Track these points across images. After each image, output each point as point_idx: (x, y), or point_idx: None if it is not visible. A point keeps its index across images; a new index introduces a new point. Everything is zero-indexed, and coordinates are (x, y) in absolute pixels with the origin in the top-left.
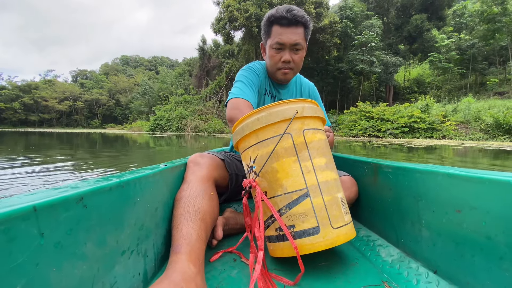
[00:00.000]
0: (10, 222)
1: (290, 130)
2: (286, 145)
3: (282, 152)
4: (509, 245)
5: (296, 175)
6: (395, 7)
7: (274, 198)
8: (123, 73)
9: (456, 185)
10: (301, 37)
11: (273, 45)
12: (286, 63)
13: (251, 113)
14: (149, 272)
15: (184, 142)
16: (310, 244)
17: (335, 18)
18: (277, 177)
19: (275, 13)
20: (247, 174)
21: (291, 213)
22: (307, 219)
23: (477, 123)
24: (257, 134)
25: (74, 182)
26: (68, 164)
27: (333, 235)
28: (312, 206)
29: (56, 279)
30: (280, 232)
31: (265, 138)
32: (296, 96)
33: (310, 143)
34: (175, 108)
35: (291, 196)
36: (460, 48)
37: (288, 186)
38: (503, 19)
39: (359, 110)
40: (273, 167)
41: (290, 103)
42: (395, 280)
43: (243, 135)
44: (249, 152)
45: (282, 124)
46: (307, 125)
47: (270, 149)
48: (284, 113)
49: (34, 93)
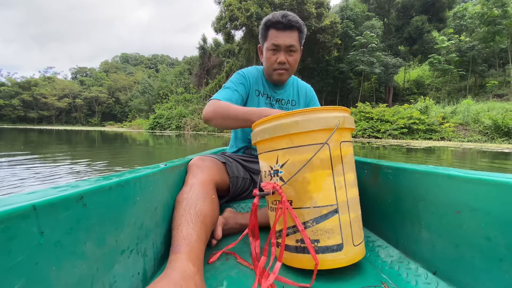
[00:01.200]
0: (9, 221)
1: (329, 141)
2: (323, 156)
3: (318, 163)
4: (509, 246)
5: (328, 190)
6: (396, 8)
7: (300, 209)
8: (123, 71)
9: (456, 186)
10: (295, 40)
11: (269, 47)
12: (281, 64)
13: (288, 114)
14: (149, 272)
15: (183, 140)
16: (331, 260)
17: (336, 19)
18: (308, 189)
19: (271, 18)
20: (268, 176)
21: (317, 228)
22: (333, 236)
23: (476, 125)
24: (292, 138)
25: (74, 181)
26: (67, 164)
27: (354, 253)
28: (339, 223)
29: (56, 278)
30: (301, 244)
31: (301, 145)
32: (293, 97)
33: (345, 156)
34: (175, 106)
35: (320, 211)
36: (460, 50)
37: (319, 200)
38: (503, 22)
39: (358, 111)
40: (304, 177)
41: (332, 110)
42: (394, 281)
43: (274, 136)
44: (277, 154)
45: (321, 133)
46: (344, 137)
47: (304, 157)
48: (327, 121)
49: (34, 90)
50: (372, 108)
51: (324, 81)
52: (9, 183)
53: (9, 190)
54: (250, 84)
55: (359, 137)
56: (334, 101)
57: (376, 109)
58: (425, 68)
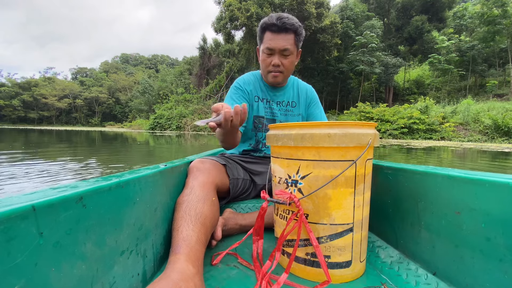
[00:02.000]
0: (9, 222)
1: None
2: (349, 174)
3: (342, 181)
4: (509, 247)
5: (348, 208)
6: (396, 8)
7: (316, 224)
8: (123, 71)
9: (455, 186)
10: (290, 43)
11: (264, 50)
12: (276, 67)
13: (319, 124)
14: (148, 273)
15: (184, 141)
16: (339, 275)
17: (336, 19)
18: (328, 206)
19: (267, 21)
20: (283, 184)
21: (331, 245)
22: (344, 253)
23: (476, 124)
24: (320, 151)
25: (74, 182)
26: (67, 164)
27: (359, 268)
28: (352, 241)
29: (55, 279)
30: (311, 257)
31: (328, 160)
32: (294, 98)
33: (367, 175)
34: (175, 106)
35: (336, 228)
36: (460, 49)
37: (337, 218)
38: (503, 21)
39: (359, 111)
40: (326, 194)
41: (365, 127)
42: (394, 281)
43: (300, 145)
44: (299, 164)
45: (352, 150)
46: (370, 154)
47: (330, 173)
48: (359, 138)
49: (34, 90)
50: (372, 108)
51: (324, 81)
52: (10, 183)
53: (10, 189)
54: (248, 93)
55: None
56: (334, 101)
57: (376, 109)
58: (425, 68)
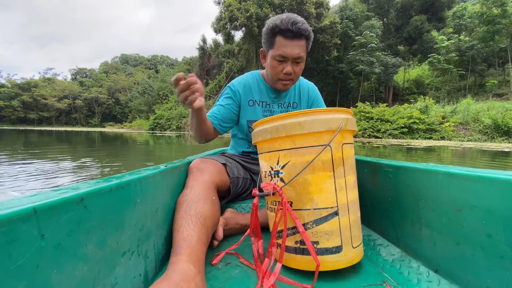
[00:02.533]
0: (10, 224)
1: (331, 142)
2: (325, 158)
3: (319, 165)
4: (510, 243)
5: (329, 192)
6: (395, 8)
7: (300, 211)
8: (122, 72)
9: (456, 184)
10: (303, 49)
11: (276, 57)
12: (288, 75)
13: (290, 115)
14: (150, 273)
15: (184, 141)
16: (330, 262)
17: (335, 19)
18: (309, 191)
19: (280, 25)
20: (268, 176)
21: (317, 230)
22: (332, 238)
23: (475, 124)
24: (294, 139)
25: (75, 183)
26: (68, 165)
27: (352, 254)
28: (339, 225)
29: (57, 280)
30: (300, 245)
31: (303, 146)
32: (295, 99)
33: (346, 159)
34: (175, 107)
35: (320, 213)
36: (460, 49)
37: (319, 202)
38: (503, 21)
39: (358, 111)
40: (305, 179)
41: (335, 112)
42: (395, 279)
43: (276, 136)
44: (278, 155)
45: (324, 134)
46: (345, 138)
47: (306, 159)
48: (329, 123)
49: (34, 91)
50: (372, 108)
51: (324, 81)
52: (10, 183)
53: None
54: (239, 96)
55: (359, 137)
56: (334, 101)
57: (376, 109)
58: (425, 67)
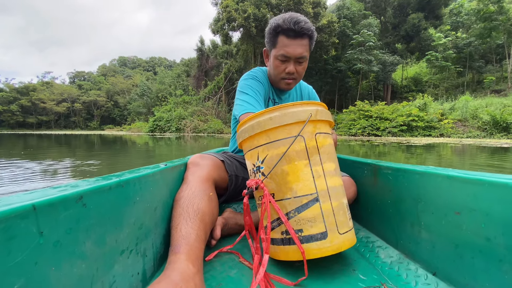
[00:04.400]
0: (9, 221)
1: (303, 133)
2: (298, 148)
3: (294, 155)
4: (509, 247)
5: (307, 179)
6: (392, 6)
7: (282, 201)
8: (121, 74)
9: (455, 187)
10: (306, 49)
11: (279, 57)
12: (290, 74)
13: (263, 112)
14: (148, 272)
15: (184, 142)
16: (317, 249)
17: (333, 18)
18: (287, 180)
19: (282, 24)
20: (253, 174)
21: (300, 217)
22: (316, 224)
23: (474, 121)
24: (268, 134)
25: (74, 181)
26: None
27: (340, 241)
28: (321, 211)
29: (55, 278)
30: (286, 235)
31: (277, 139)
32: (297, 100)
33: (322, 147)
34: (174, 109)
35: (300, 200)
36: (457, 46)
37: (298, 190)
38: (499, 18)
39: (357, 109)
40: (283, 170)
41: (304, 105)
42: (394, 281)
43: (252, 134)
44: (257, 151)
45: (296, 126)
46: (319, 129)
47: (281, 150)
48: (298, 115)
49: (32, 95)
50: (371, 106)
51: (322, 80)
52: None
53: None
54: (265, 89)
55: (359, 135)
56: (332, 100)
57: (375, 107)
58: (423, 65)
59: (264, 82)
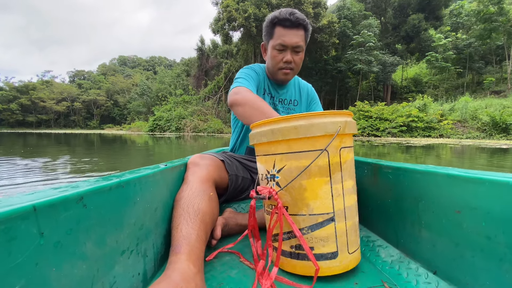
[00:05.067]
0: (9, 222)
1: (328, 147)
2: (321, 163)
3: (316, 170)
4: (509, 246)
5: (325, 198)
6: (393, 7)
7: (296, 216)
8: (121, 74)
9: (456, 185)
10: (302, 39)
11: (276, 46)
12: (288, 63)
13: (287, 118)
14: (149, 272)
15: (184, 142)
16: (326, 267)
17: (333, 18)
18: (304, 196)
19: (279, 15)
20: (265, 180)
21: (312, 235)
22: (328, 244)
23: (474, 121)
24: (290, 143)
25: (74, 182)
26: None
27: (348, 260)
28: (335, 231)
29: (56, 279)
30: (295, 250)
31: (299, 151)
32: (296, 97)
33: (344, 163)
34: (174, 108)
35: (316, 219)
36: (457, 47)
37: (315, 208)
38: (499, 19)
39: (357, 110)
40: (301, 184)
41: (333, 115)
42: (394, 280)
43: (272, 140)
44: (274, 159)
45: (321, 139)
46: (344, 142)
47: (302, 163)
48: (326, 127)
49: (32, 94)
50: (371, 106)
51: (322, 81)
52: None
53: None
54: (259, 80)
55: (358, 136)
56: (332, 100)
57: (374, 107)
58: (423, 66)
59: (260, 73)
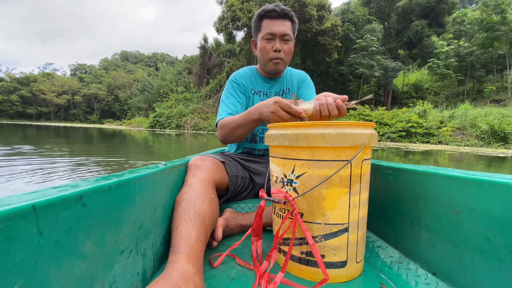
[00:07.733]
0: (9, 221)
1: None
2: (343, 174)
3: (337, 181)
4: (509, 247)
5: (342, 209)
6: (396, 13)
7: (310, 224)
8: (122, 69)
9: (455, 186)
10: (289, 28)
11: (265, 36)
12: (277, 52)
13: (314, 125)
14: (148, 272)
15: (183, 139)
16: (334, 275)
17: (336, 21)
18: (322, 205)
19: (265, 8)
20: (280, 183)
21: (325, 244)
22: (339, 253)
23: (473, 129)
24: (314, 151)
25: (74, 181)
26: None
27: (355, 269)
28: (347, 241)
29: (55, 278)
30: (305, 256)
31: (323, 159)
32: (287, 85)
33: (364, 175)
34: (175, 105)
35: (330, 228)
36: (459, 55)
37: (331, 218)
38: (502, 28)
39: (357, 114)
40: (320, 193)
41: (360, 126)
42: (394, 281)
43: (295, 144)
44: (294, 164)
45: (347, 149)
46: (366, 154)
47: (324, 172)
48: (354, 138)
49: (32, 86)
50: (371, 111)
51: (324, 83)
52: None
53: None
54: (244, 86)
55: None
56: None
57: (375, 112)
58: (424, 72)
59: (244, 77)
